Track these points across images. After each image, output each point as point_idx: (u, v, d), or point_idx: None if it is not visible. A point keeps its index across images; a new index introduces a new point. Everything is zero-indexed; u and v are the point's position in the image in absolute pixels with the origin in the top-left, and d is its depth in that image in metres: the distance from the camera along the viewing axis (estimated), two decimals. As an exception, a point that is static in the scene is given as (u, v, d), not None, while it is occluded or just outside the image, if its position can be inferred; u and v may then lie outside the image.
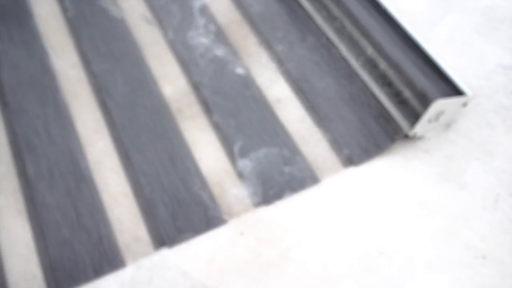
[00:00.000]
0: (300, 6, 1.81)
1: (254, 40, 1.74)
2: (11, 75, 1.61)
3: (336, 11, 1.69)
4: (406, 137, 1.49)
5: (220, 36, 1.75)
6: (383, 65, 1.54)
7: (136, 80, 1.62)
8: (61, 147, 1.48)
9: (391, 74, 1.52)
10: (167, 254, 1.32)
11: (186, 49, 1.71)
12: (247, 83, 1.62)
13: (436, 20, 1.80)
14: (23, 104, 1.55)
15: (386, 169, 1.47)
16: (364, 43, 1.60)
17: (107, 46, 1.70)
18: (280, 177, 1.44)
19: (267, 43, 1.72)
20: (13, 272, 1.28)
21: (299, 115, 1.57)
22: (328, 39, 1.71)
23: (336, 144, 1.50)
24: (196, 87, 1.61)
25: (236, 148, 1.49)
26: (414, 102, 1.45)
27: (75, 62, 1.67)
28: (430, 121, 1.45)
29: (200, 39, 1.73)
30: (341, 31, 1.68)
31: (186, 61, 1.68)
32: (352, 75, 1.62)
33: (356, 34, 1.62)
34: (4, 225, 1.36)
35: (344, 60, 1.65)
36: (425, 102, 1.40)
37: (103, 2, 1.82)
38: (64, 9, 1.79)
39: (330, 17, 1.71)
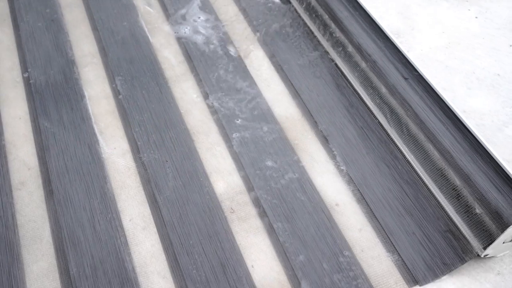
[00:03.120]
0: (362, 102, 1.88)
1: (312, 137, 1.80)
2: (59, 161, 1.70)
3: (399, 110, 1.74)
4: (476, 255, 1.50)
5: (277, 130, 1.82)
6: (451, 174, 1.57)
7: (187, 173, 1.68)
8: (106, 244, 1.53)
9: (461, 186, 1.54)
10: None
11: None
12: (304, 185, 1.67)
13: (506, 120, 1.83)
14: (70, 194, 1.62)
15: (454, 290, 1.47)
16: (430, 147, 1.64)
17: (158, 134, 1.78)
18: (338, 294, 1.46)
19: (325, 142, 1.78)
20: None
21: (359, 223, 1.60)
22: (390, 139, 1.76)
23: (399, 259, 1.52)
24: (249, 185, 1.67)
25: (291, 257, 1.51)
26: (487, 220, 1.47)
27: (124, 150, 1.75)
28: (504, 242, 1.46)
29: (254, 130, 1.81)
30: (405, 133, 1.73)
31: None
32: (416, 182, 1.66)
33: (422, 138, 1.67)
34: (44, 330, 1.40)
35: (408, 164, 1.70)
36: (501, 223, 1.42)
37: (155, 86, 1.92)
38: (116, 92, 1.89)
39: (393, 117, 1.77)
